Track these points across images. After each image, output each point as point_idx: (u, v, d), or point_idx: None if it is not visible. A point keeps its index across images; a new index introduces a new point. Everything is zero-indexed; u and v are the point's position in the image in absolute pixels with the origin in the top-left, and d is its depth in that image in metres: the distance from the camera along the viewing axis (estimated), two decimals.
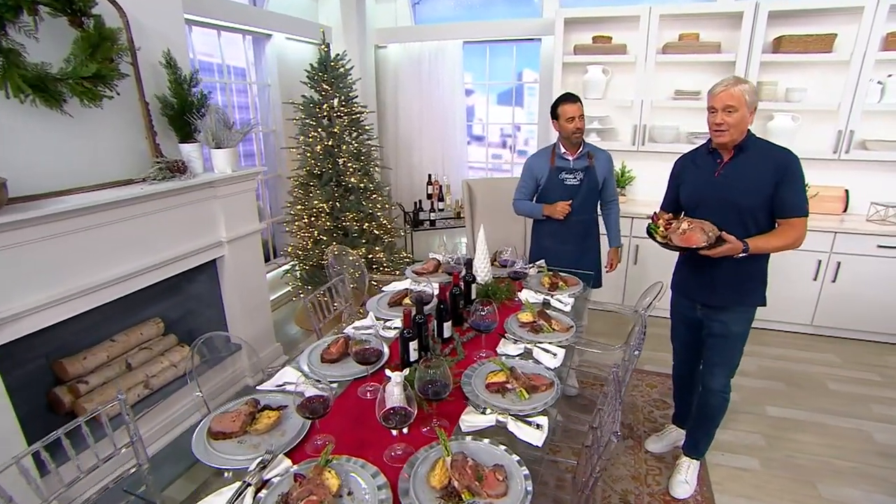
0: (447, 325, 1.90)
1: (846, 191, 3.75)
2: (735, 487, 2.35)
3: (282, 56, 4.11)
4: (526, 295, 2.31)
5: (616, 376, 1.62)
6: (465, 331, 2.01)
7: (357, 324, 2.11)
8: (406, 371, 1.48)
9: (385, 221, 3.93)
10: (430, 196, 4.56)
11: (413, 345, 1.67)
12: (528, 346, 1.86)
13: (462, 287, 2.11)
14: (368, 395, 1.62)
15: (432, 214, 4.43)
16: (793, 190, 1.87)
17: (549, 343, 1.88)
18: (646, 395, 3.04)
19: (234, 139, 2.76)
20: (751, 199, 1.92)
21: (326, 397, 1.36)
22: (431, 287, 2.15)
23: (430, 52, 4.61)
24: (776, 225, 1.97)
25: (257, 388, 1.67)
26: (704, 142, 2.10)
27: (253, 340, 3.19)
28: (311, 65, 3.67)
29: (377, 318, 2.14)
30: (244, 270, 3.06)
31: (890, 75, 3.48)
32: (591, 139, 4.03)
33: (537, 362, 1.76)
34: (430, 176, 4.65)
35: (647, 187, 4.20)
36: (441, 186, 4.57)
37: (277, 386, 1.67)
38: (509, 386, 1.58)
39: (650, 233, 2.04)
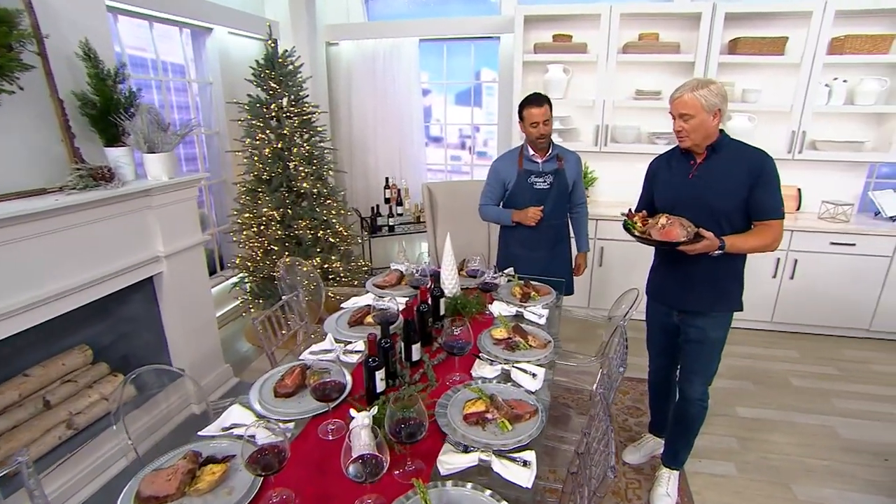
0: (416, 348, 1.72)
1: (798, 189, 3.84)
2: (714, 496, 2.30)
3: (224, 52, 3.80)
4: (497, 307, 2.16)
5: (603, 398, 1.49)
6: (435, 352, 1.84)
7: (315, 347, 1.89)
8: (374, 410, 1.29)
9: (341, 228, 3.70)
10: (387, 200, 4.35)
11: (379, 374, 1.48)
12: (505, 366, 1.70)
13: (430, 303, 1.94)
14: (331, 435, 1.42)
15: (391, 220, 4.22)
16: (768, 192, 1.82)
17: (528, 362, 1.73)
18: (619, 401, 2.97)
19: (169, 142, 2.47)
20: (725, 200, 1.86)
21: (282, 447, 1.15)
22: (396, 304, 1.96)
23: (384, 49, 4.41)
24: (752, 227, 1.92)
25: (199, 433, 1.43)
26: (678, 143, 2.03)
27: (198, 363, 2.90)
28: (257, 61, 3.39)
29: (337, 341, 1.93)
30: (186, 287, 2.76)
31: (835, 78, 3.57)
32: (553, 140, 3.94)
33: (517, 385, 1.61)
34: (387, 179, 4.44)
35: (610, 188, 4.17)
36: (399, 190, 4.37)
37: (223, 430, 1.44)
38: (490, 416, 1.42)
39: (627, 228, 1.95)
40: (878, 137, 3.72)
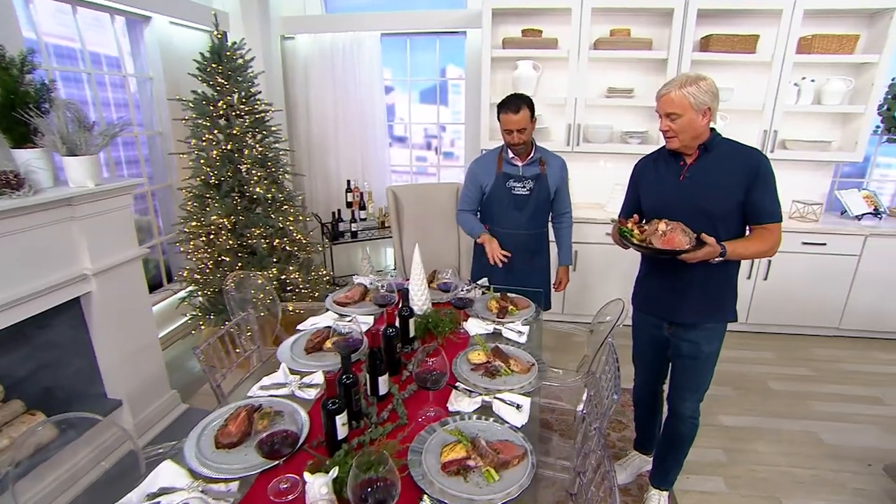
0: (383, 380, 1.50)
1: None
2: None
3: (166, 44, 3.45)
4: (473, 325, 1.96)
5: (599, 434, 1.31)
6: (405, 381, 1.62)
7: (266, 380, 1.64)
8: (333, 472, 1.06)
9: (299, 236, 3.42)
10: (349, 205, 4.08)
11: (341, 418, 1.25)
12: (486, 397, 1.50)
13: (398, 325, 1.72)
14: (285, 496, 1.17)
15: (353, 225, 3.96)
16: (766, 194, 1.70)
17: (511, 391, 1.54)
18: None
19: (95, 144, 2.15)
20: (720, 203, 1.71)
21: None
22: (359, 326, 1.73)
23: (343, 44, 4.14)
24: (748, 231, 1.79)
25: None
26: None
27: (139, 391, 2.58)
28: (202, 54, 3.07)
29: (292, 372, 1.68)
30: (122, 307, 2.44)
31: (804, 78, 3.55)
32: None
33: (500, 420, 1.41)
34: (348, 182, 4.18)
35: (583, 189, 4.04)
36: (362, 193, 4.11)
37: (149, 498, 1.17)
38: (472, 464, 1.21)
39: (624, 236, 1.77)
40: (843, 137, 3.73)
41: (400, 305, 1.77)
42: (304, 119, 4.41)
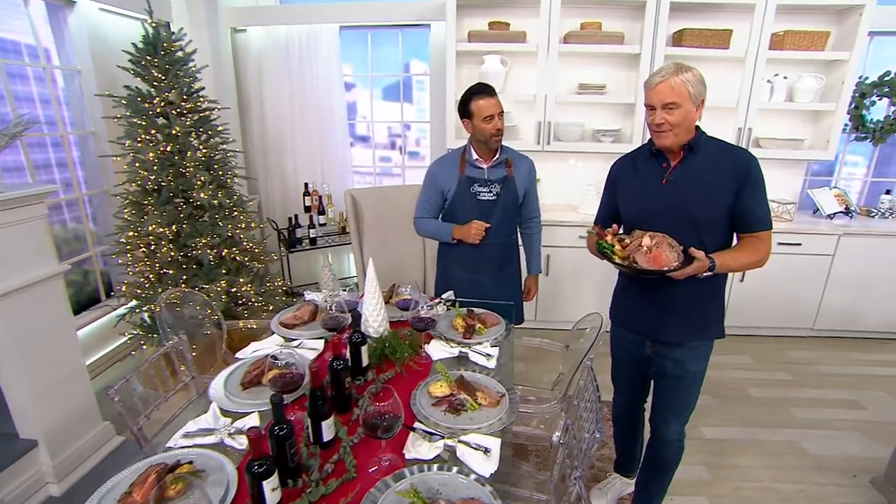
0: (328, 424, 1.27)
1: None
2: None
3: (96, 34, 3.11)
4: (436, 348, 1.74)
5: (580, 486, 1.11)
6: (355, 422, 1.39)
7: (192, 425, 1.38)
8: None
9: (251, 245, 3.14)
10: (308, 209, 3.81)
11: (270, 483, 1.02)
12: (450, 441, 1.29)
13: (347, 355, 1.49)
14: None
15: (312, 231, 3.69)
16: (757, 199, 1.55)
17: (478, 431, 1.33)
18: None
19: None
20: (707, 209, 1.55)
21: None
22: (299, 359, 1.50)
23: (299, 37, 3.86)
24: (735, 239, 1.63)
25: None
26: (645, 142, 1.71)
27: (61, 427, 2.26)
28: (135, 45, 2.76)
29: (224, 413, 1.43)
30: (36, 333, 2.13)
31: (776, 74, 3.47)
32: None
33: (465, 470, 1.20)
34: (306, 185, 3.90)
35: (554, 191, 3.88)
36: (321, 197, 3.85)
37: None
38: None
39: (604, 253, 1.58)
40: (814, 135, 3.67)
41: (349, 331, 1.54)
42: (258, 118, 4.11)
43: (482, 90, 2.04)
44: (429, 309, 2.00)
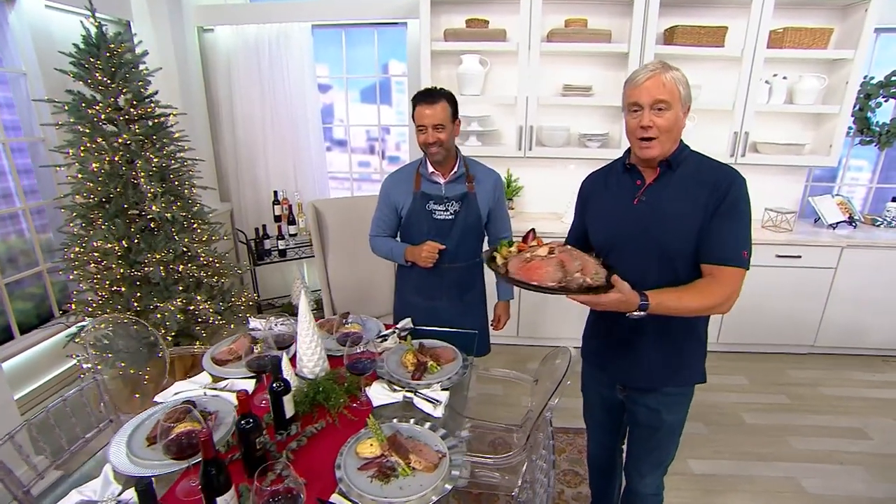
0: (226, 500, 1.06)
1: None
2: None
3: (42, 33, 2.90)
4: (377, 392, 1.53)
5: None
6: (268, 490, 1.17)
7: (73, 497, 1.18)
8: None
9: (212, 259, 2.93)
10: (278, 219, 3.60)
11: None
12: None
13: (271, 402, 1.28)
14: None
15: (281, 242, 3.48)
16: (730, 224, 1.28)
17: (407, 502, 1.12)
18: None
19: None
20: (682, 237, 1.32)
21: None
22: (226, 404, 1.29)
23: (269, 37, 3.65)
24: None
25: None
26: (620, 155, 1.49)
27: None
28: (76, 45, 2.56)
29: (116, 477, 1.23)
30: None
31: (775, 75, 3.24)
32: (471, 144, 3.37)
33: None
34: (275, 193, 3.69)
35: (538, 199, 3.66)
36: (290, 206, 3.64)
37: None
38: None
39: (492, 257, 1.38)
40: (816, 139, 3.44)
41: (269, 380, 1.33)
42: (228, 122, 3.90)
43: (423, 96, 1.80)
44: (380, 342, 1.81)
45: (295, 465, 1.26)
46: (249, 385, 1.61)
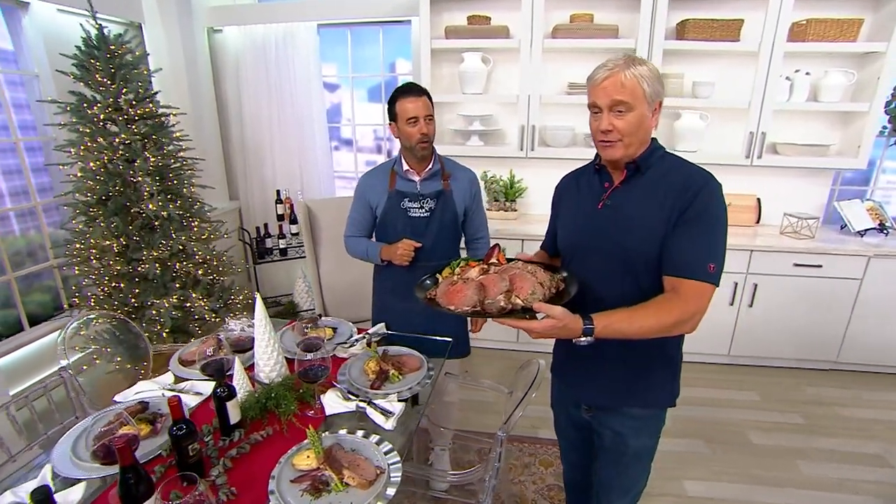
0: None
1: (758, 199, 3.29)
2: None
3: (55, 36, 3.00)
4: (331, 400, 1.49)
5: None
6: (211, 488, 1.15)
7: (7, 498, 1.18)
8: None
9: (208, 257, 2.97)
10: (280, 217, 3.63)
11: None
12: None
13: (215, 407, 1.26)
14: None
15: (281, 241, 3.50)
16: (694, 235, 1.16)
17: None
18: (537, 478, 2.34)
19: None
20: (647, 245, 1.21)
21: None
22: (155, 415, 1.27)
23: (276, 37, 3.67)
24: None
25: None
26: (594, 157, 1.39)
27: None
28: (78, 47, 2.63)
29: (52, 479, 1.22)
30: None
31: (797, 70, 3.03)
32: (473, 144, 3.30)
33: None
34: (278, 192, 3.71)
35: (540, 201, 3.56)
36: (292, 204, 3.65)
37: None
38: None
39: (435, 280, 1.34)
40: (843, 139, 3.20)
41: (216, 387, 1.30)
42: (237, 121, 3.95)
43: (409, 89, 1.82)
44: (347, 347, 1.77)
45: (232, 473, 1.24)
46: (208, 388, 1.59)
